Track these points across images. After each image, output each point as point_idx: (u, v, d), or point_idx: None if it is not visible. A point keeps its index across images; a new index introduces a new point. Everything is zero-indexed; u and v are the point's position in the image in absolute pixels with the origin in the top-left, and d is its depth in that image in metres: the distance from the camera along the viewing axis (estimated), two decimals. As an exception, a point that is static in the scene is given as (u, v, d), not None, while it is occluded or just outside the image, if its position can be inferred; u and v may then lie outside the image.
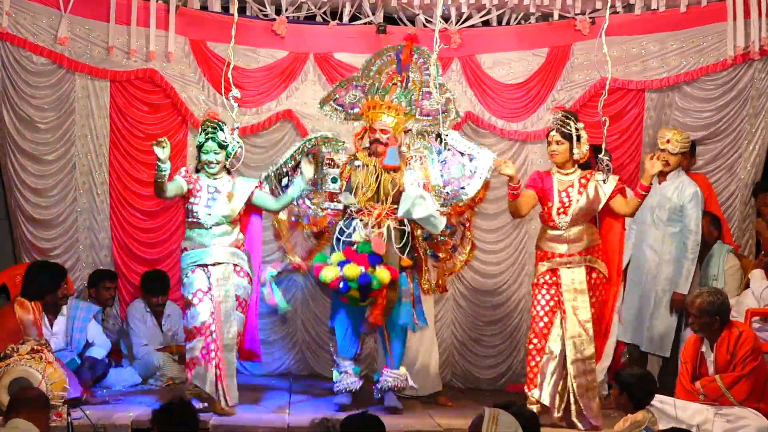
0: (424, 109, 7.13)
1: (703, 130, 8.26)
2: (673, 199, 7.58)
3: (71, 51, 7.96)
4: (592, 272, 6.66)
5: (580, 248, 6.66)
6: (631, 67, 8.32)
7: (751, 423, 6.02)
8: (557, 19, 8.46)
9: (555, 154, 6.72)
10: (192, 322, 6.60)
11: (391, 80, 7.11)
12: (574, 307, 6.61)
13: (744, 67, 8.21)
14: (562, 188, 6.71)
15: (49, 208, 8.07)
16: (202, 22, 8.23)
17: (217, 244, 6.67)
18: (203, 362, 6.55)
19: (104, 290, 7.94)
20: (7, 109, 7.87)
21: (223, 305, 6.63)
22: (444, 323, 8.53)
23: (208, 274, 6.65)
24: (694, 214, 7.53)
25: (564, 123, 6.65)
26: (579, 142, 6.64)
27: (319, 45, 8.39)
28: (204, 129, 6.71)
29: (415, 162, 6.98)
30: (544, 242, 6.77)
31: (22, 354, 6.28)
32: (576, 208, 6.64)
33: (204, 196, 6.68)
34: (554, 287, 6.66)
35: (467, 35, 8.43)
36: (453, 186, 6.91)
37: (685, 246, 7.52)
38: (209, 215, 6.66)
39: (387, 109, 7.00)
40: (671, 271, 7.58)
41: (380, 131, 6.96)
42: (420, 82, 7.11)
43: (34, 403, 4.86)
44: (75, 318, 7.28)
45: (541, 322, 6.67)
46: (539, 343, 6.65)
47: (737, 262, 7.87)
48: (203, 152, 6.71)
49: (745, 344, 6.16)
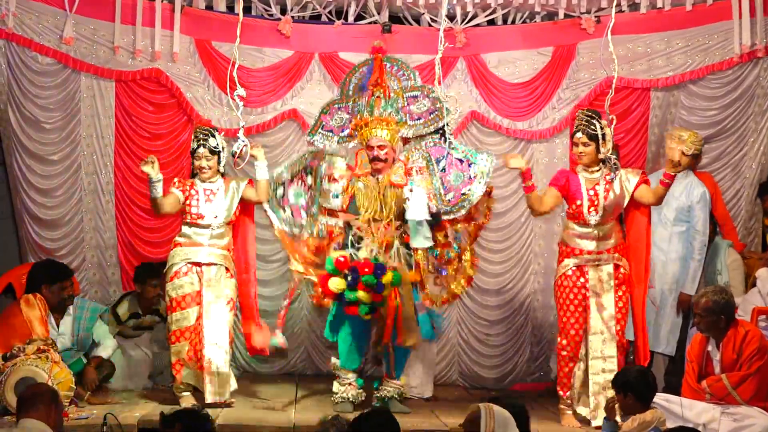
0: (413, 114, 7.10)
1: (709, 129, 8.23)
2: (681, 198, 7.57)
3: (76, 51, 7.97)
4: (618, 269, 6.68)
5: (609, 246, 6.68)
6: (636, 65, 8.30)
7: (758, 422, 6.03)
8: (562, 17, 8.44)
9: (582, 156, 6.72)
10: (179, 325, 6.83)
11: (372, 94, 7.06)
12: (599, 305, 6.64)
13: (750, 66, 8.18)
14: (590, 186, 6.72)
15: (54, 209, 8.07)
16: (208, 22, 8.24)
17: (213, 245, 6.89)
18: (191, 363, 6.80)
19: (151, 287, 7.74)
20: (13, 110, 7.88)
21: (213, 306, 6.85)
22: (449, 323, 8.53)
23: (200, 274, 6.84)
24: (702, 215, 7.53)
25: (589, 123, 6.65)
26: (605, 141, 6.65)
27: (324, 44, 8.39)
28: (196, 136, 6.97)
29: (415, 174, 6.96)
30: (571, 239, 6.77)
31: (28, 354, 6.30)
32: (605, 205, 6.65)
33: (202, 198, 6.90)
34: (583, 289, 6.69)
35: (472, 34, 8.42)
36: (455, 192, 6.90)
37: (691, 246, 7.52)
38: (209, 216, 6.89)
39: (378, 124, 6.97)
40: (677, 270, 7.58)
41: (377, 147, 6.92)
42: (401, 89, 7.10)
43: (44, 398, 4.85)
44: (81, 318, 7.29)
45: (573, 331, 6.70)
46: (572, 352, 6.71)
47: (738, 256, 7.86)
48: (195, 158, 6.96)
49: (752, 343, 6.16)
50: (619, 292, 6.69)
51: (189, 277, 6.87)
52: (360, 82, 7.20)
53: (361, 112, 7.05)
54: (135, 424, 6.27)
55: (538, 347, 8.47)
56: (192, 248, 6.89)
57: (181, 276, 6.86)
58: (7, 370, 6.20)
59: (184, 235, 6.96)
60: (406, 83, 7.10)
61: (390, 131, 6.96)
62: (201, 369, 6.79)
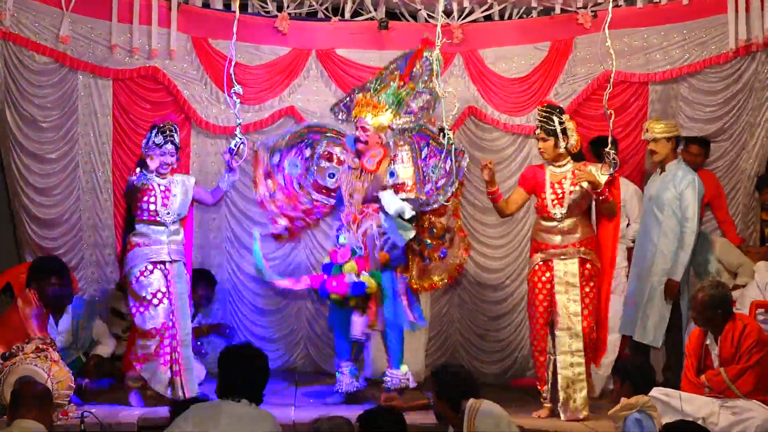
0: (410, 107, 7.14)
1: (712, 124, 8.23)
2: (671, 187, 7.56)
3: (73, 50, 7.96)
4: (585, 264, 6.70)
5: (574, 240, 6.71)
6: (633, 60, 8.30)
7: (757, 415, 6.01)
8: (559, 12, 8.45)
9: (541, 152, 6.79)
10: (150, 323, 6.74)
11: (393, 79, 7.13)
12: (565, 299, 6.68)
13: (747, 60, 8.18)
14: (555, 180, 6.77)
15: (52, 207, 8.06)
16: (204, 19, 8.24)
17: (172, 242, 6.86)
18: (156, 360, 6.73)
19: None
20: (10, 109, 7.87)
21: (179, 302, 6.83)
22: (448, 319, 8.54)
23: (165, 272, 6.81)
24: (691, 201, 7.46)
25: (546, 119, 6.69)
26: (565, 135, 6.66)
27: (321, 41, 8.39)
28: (162, 131, 6.88)
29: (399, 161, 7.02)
30: (538, 233, 6.87)
31: (27, 353, 6.30)
32: (570, 199, 6.69)
33: (159, 195, 6.84)
34: (549, 284, 6.74)
35: (469, 30, 8.41)
36: (431, 185, 6.95)
37: (681, 234, 7.48)
38: (168, 213, 6.85)
39: (367, 106, 7.05)
40: (667, 261, 7.57)
41: (361, 129, 7.02)
42: (418, 83, 7.15)
43: (37, 399, 4.86)
44: (80, 316, 7.30)
45: (537, 325, 6.82)
46: (539, 345, 6.83)
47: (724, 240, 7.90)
48: (158, 154, 6.86)
49: (750, 336, 6.16)
50: (587, 288, 6.72)
51: (156, 274, 6.79)
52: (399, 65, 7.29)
53: (368, 92, 7.13)
54: (135, 423, 6.29)
55: (538, 342, 8.47)
56: (153, 248, 6.81)
57: (148, 274, 6.78)
58: (6, 369, 6.20)
59: (142, 235, 6.84)
60: (424, 79, 7.15)
61: (375, 117, 7.01)
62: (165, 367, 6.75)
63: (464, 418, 4.99)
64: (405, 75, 7.16)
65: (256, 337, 8.31)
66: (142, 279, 6.76)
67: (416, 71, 7.17)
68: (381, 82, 7.20)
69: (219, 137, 8.30)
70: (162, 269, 6.82)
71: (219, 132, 8.29)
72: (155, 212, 6.83)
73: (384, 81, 7.20)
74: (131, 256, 6.82)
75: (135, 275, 6.77)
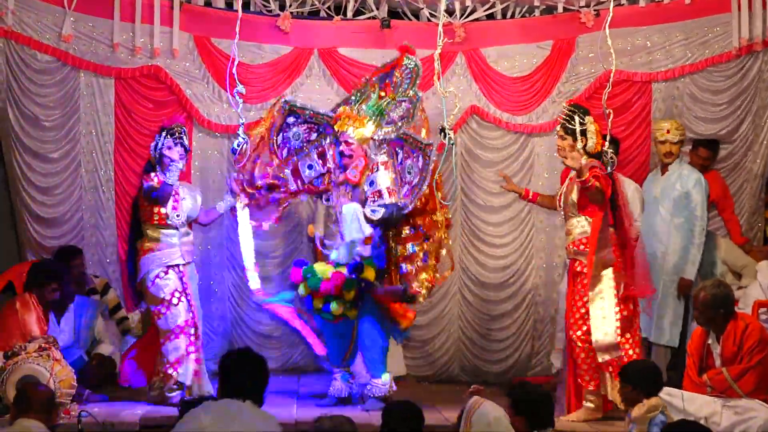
0: (390, 117, 7.07)
1: (718, 123, 8.20)
2: (677, 186, 7.56)
3: (75, 48, 7.96)
4: (574, 263, 6.67)
5: (568, 242, 6.69)
6: (636, 58, 8.30)
7: (759, 415, 6.02)
8: (561, 11, 8.45)
9: (558, 149, 6.72)
10: (174, 322, 6.76)
11: (374, 90, 7.14)
12: None
13: (751, 59, 8.17)
14: (566, 180, 6.77)
15: (54, 206, 8.06)
16: (207, 19, 8.24)
17: (183, 244, 6.89)
18: (188, 358, 6.77)
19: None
20: (12, 108, 7.87)
21: (195, 302, 6.91)
22: (451, 318, 8.54)
23: (180, 275, 6.84)
24: (699, 200, 7.47)
25: (568, 118, 6.61)
26: (585, 137, 6.56)
27: (323, 40, 8.40)
28: (171, 133, 6.86)
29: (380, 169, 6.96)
30: None
31: (29, 352, 6.30)
32: (563, 202, 6.70)
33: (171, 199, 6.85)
34: None
35: (471, 29, 8.42)
36: (407, 187, 6.92)
37: (691, 233, 7.49)
38: (178, 216, 6.86)
39: (348, 119, 7.01)
40: (677, 260, 7.57)
41: (344, 143, 6.99)
42: (398, 93, 7.09)
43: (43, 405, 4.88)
44: (82, 315, 7.29)
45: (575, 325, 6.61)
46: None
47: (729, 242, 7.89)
48: (173, 155, 6.82)
49: (752, 336, 6.15)
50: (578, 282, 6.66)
51: (171, 275, 6.81)
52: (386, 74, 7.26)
53: (352, 105, 7.12)
54: (137, 422, 6.29)
55: (540, 342, 8.48)
56: (167, 251, 6.82)
57: (163, 276, 6.79)
58: (8, 368, 6.20)
59: (155, 240, 6.84)
60: (404, 88, 7.10)
61: (357, 130, 6.98)
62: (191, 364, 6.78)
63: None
64: (386, 85, 7.14)
65: (258, 336, 8.33)
66: (158, 281, 6.79)
67: (396, 80, 7.14)
68: (362, 95, 7.19)
69: (221, 136, 8.30)
70: (177, 272, 6.85)
71: (221, 131, 8.30)
72: (166, 215, 6.84)
73: (364, 93, 7.19)
74: (145, 261, 6.82)
75: (151, 279, 6.79)
